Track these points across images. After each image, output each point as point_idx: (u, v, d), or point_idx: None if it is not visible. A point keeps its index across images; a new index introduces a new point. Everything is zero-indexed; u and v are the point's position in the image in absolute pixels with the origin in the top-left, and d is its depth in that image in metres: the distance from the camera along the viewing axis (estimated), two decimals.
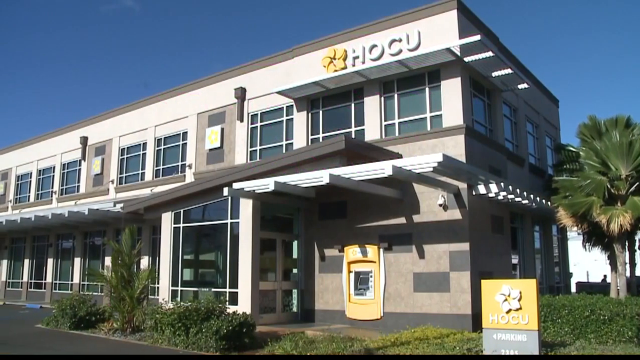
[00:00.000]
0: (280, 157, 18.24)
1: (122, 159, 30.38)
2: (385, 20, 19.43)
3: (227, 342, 13.12)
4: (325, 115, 20.98)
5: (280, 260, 19.46)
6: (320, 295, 19.10)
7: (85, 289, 29.25)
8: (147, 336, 15.33)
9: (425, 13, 18.53)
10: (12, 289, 36.76)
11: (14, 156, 40.10)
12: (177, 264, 20.44)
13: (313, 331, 15.53)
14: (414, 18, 18.70)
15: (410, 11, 18.90)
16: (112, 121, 31.56)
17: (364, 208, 18.33)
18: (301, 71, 21.23)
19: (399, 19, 19.07)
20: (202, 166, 25.30)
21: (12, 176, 39.93)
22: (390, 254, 17.63)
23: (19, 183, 39.53)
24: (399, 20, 19.07)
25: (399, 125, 18.91)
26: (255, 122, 23.53)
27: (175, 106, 27.49)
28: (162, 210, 21.20)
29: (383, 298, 17.49)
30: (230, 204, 18.86)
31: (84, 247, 31.41)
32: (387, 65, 18.46)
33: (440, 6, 18.26)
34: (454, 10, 17.90)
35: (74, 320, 17.52)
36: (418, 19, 18.61)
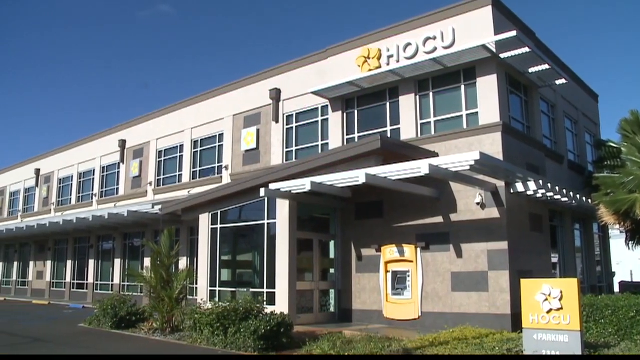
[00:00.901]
0: (316, 158, 18.28)
1: (160, 161, 30.81)
2: (419, 18, 19.31)
3: (265, 342, 13.18)
4: (360, 114, 20.94)
5: (317, 260, 19.49)
6: (357, 295, 19.07)
7: (125, 289, 29.81)
8: (186, 336, 15.51)
9: (459, 10, 18.35)
10: (56, 289, 37.63)
11: (57, 160, 41.05)
12: (215, 265, 20.64)
13: (351, 331, 15.52)
14: (448, 15, 18.54)
15: (444, 8, 18.74)
16: (149, 124, 32.04)
17: (401, 207, 18.25)
18: (335, 71, 21.23)
19: (433, 17, 18.94)
20: (239, 167, 25.49)
21: (55, 179, 40.88)
22: (427, 254, 17.52)
23: (61, 186, 40.45)
24: (433, 18, 18.93)
25: (434, 123, 18.78)
26: (291, 123, 23.62)
27: (211, 108, 27.77)
28: (199, 212, 21.43)
29: (421, 298, 17.39)
30: (267, 205, 18.97)
31: (124, 248, 31.95)
32: (422, 63, 18.35)
33: (475, 2, 18.04)
34: (489, 6, 17.68)
35: (115, 320, 17.84)
36: (452, 16, 18.44)
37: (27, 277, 41.45)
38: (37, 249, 40.58)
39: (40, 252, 40.08)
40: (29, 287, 40.90)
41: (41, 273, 39.71)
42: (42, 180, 42.62)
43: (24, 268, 42.46)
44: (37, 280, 40.20)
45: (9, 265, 44.54)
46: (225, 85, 27.34)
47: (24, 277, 42.22)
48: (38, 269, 40.25)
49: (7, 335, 17.27)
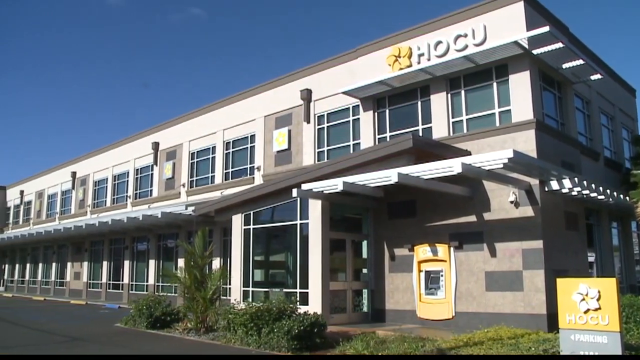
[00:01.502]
0: (347, 157, 18.26)
1: (192, 162, 31.12)
2: (449, 15, 19.16)
3: (298, 342, 13.22)
4: (391, 114, 20.87)
5: (350, 260, 19.48)
6: (390, 295, 19.02)
7: (160, 289, 30.19)
8: (220, 336, 15.64)
9: (490, 6, 18.15)
10: (92, 289, 38.30)
11: (92, 163, 41.81)
12: (248, 265, 20.77)
13: (384, 331, 15.48)
14: (479, 12, 18.36)
15: (475, 5, 18.56)
16: (181, 126, 32.40)
17: (434, 206, 18.14)
18: (366, 70, 21.19)
19: (463, 14, 18.77)
20: (271, 168, 25.61)
21: (90, 182, 41.61)
22: (461, 253, 17.38)
23: (96, 188, 41.17)
24: (463, 15, 18.76)
25: (466, 121, 18.62)
26: (322, 123, 23.65)
27: (242, 109, 27.95)
28: (232, 213, 21.59)
29: (454, 297, 17.25)
30: (299, 205, 19.03)
31: (158, 249, 32.35)
32: (453, 61, 18.20)
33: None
34: (521, 2, 17.44)
35: (150, 320, 18.08)
36: (483, 13, 18.25)
37: (65, 278, 42.29)
38: (74, 250, 41.37)
39: (77, 253, 40.84)
40: (66, 287, 41.73)
41: (78, 274, 40.46)
42: (78, 183, 43.44)
43: (61, 269, 43.34)
44: (74, 281, 40.98)
45: (48, 266, 45.49)
46: (256, 86, 27.50)
47: (62, 278, 43.08)
48: (75, 270, 41.02)
49: (48, 334, 17.73)
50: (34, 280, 47.59)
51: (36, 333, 18.05)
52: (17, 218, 54.70)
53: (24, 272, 50.15)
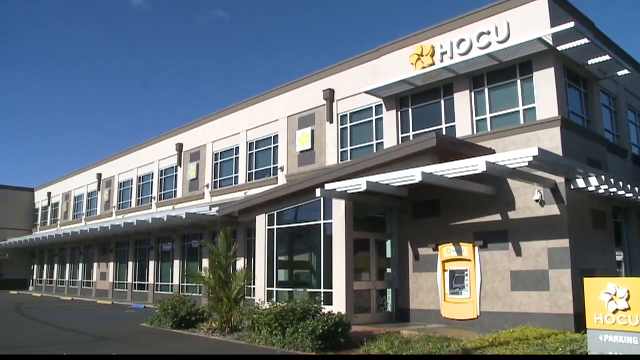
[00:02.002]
0: (371, 157, 18.23)
1: (216, 163, 31.31)
2: (472, 13, 19.03)
3: (323, 342, 13.24)
4: (414, 113, 20.78)
5: (374, 260, 19.45)
6: (415, 295, 18.94)
7: (184, 290, 30.43)
8: (245, 336, 15.72)
9: (513, 3, 17.97)
10: (118, 289, 38.74)
11: (117, 165, 42.28)
12: (272, 265, 20.83)
13: (408, 331, 15.43)
14: (503, 9, 18.20)
15: (498, 2, 18.39)
16: (205, 127, 32.60)
17: (458, 206, 18.03)
18: (389, 70, 21.13)
19: (486, 11, 18.62)
20: (294, 168, 25.66)
21: (116, 184, 42.09)
22: (485, 252, 17.25)
23: (121, 190, 41.62)
24: (486, 12, 18.61)
25: (490, 120, 18.47)
26: (345, 123, 23.64)
27: (265, 110, 28.05)
28: (256, 213, 21.67)
29: (479, 297, 17.13)
30: (323, 205, 19.03)
31: (183, 249, 32.59)
32: (477, 59, 18.07)
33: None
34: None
35: (175, 320, 18.23)
36: (506, 10, 18.08)
37: (92, 278, 42.83)
38: (100, 251, 41.88)
39: (104, 254, 41.33)
40: (93, 287, 42.26)
41: (104, 274, 40.95)
42: (104, 184, 43.95)
43: (88, 269, 43.91)
44: (100, 281, 41.49)
45: (75, 266, 46.12)
46: (279, 87, 27.57)
47: (88, 278, 43.64)
48: (102, 270, 41.53)
49: (76, 334, 18.02)
50: (62, 280, 48.29)
51: (65, 332, 18.32)
52: (45, 219, 55.53)
53: (52, 272, 50.93)
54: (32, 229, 57.19)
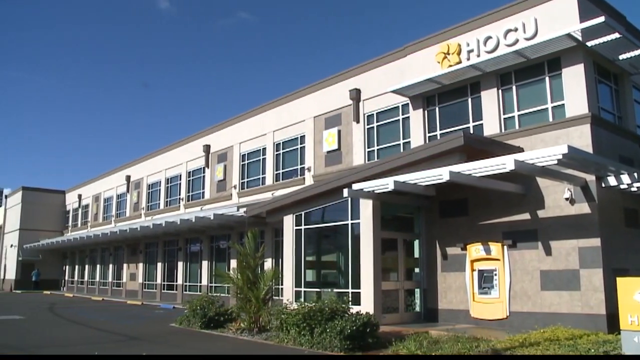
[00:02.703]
0: (398, 157, 18.16)
1: (243, 164, 31.47)
2: (498, 10, 18.82)
3: (351, 342, 13.23)
4: (441, 111, 20.65)
5: (401, 259, 19.38)
6: (443, 295, 18.82)
7: (213, 290, 30.66)
8: (273, 336, 15.77)
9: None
10: (148, 290, 39.18)
11: (145, 167, 42.76)
12: (300, 265, 20.87)
13: (437, 331, 15.35)
14: (530, 5, 17.97)
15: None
16: (232, 129, 32.79)
17: (486, 204, 17.87)
18: (415, 69, 21.03)
19: (513, 8, 18.41)
20: (321, 168, 25.68)
21: (144, 185, 42.57)
22: (514, 251, 17.06)
23: (150, 191, 42.07)
24: (513, 9, 18.40)
25: (518, 117, 18.27)
26: (372, 123, 23.59)
27: (291, 111, 28.11)
28: (283, 213, 21.74)
29: (509, 297, 16.95)
30: (350, 205, 19.01)
31: (211, 250, 32.82)
32: (504, 56, 17.89)
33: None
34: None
35: (204, 320, 18.36)
36: (534, 6, 17.85)
37: (122, 279, 43.38)
38: (129, 251, 42.39)
39: (133, 255, 41.83)
40: (123, 288, 42.79)
41: (134, 275, 41.44)
42: (133, 186, 44.47)
43: (118, 270, 44.48)
44: (130, 282, 41.99)
45: (105, 267, 46.74)
46: (305, 87, 27.62)
47: (118, 279, 44.20)
48: (131, 271, 42.03)
49: (106, 333, 18.26)
50: (93, 281, 48.98)
51: (96, 332, 18.57)
52: (76, 221, 56.39)
53: (83, 273, 51.69)
54: (63, 231, 58.16)
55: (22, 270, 55.64)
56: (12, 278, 56.23)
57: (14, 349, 14.33)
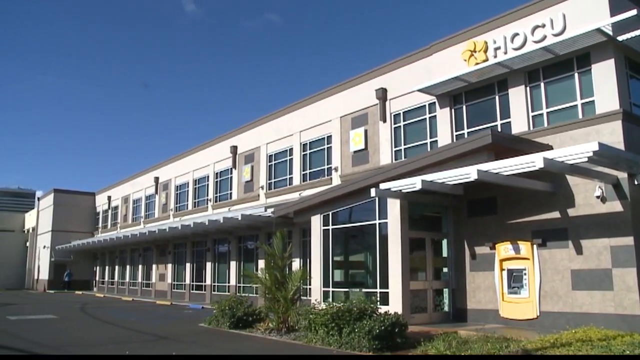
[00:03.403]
0: (425, 156, 18.06)
1: (270, 165, 31.58)
2: (525, 6, 18.60)
3: (379, 342, 13.19)
4: (468, 110, 20.49)
5: (430, 259, 19.27)
6: (472, 294, 18.67)
7: (241, 290, 30.81)
8: (302, 336, 15.79)
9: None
10: (176, 290, 39.52)
11: (173, 168, 43.16)
12: (328, 266, 20.87)
13: (466, 331, 15.24)
14: (558, 0, 17.72)
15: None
16: (259, 129, 32.93)
17: (515, 203, 17.68)
18: (441, 67, 20.90)
19: (540, 4, 18.16)
20: (348, 168, 25.66)
21: (172, 187, 42.96)
22: (544, 251, 16.85)
23: (178, 193, 42.46)
24: (540, 5, 18.16)
25: (547, 115, 18.04)
26: (398, 122, 23.51)
27: (318, 111, 28.14)
28: (311, 214, 21.76)
29: (539, 296, 16.74)
30: (377, 205, 18.96)
31: (239, 250, 32.99)
32: (531, 53, 17.67)
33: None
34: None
35: (232, 320, 18.46)
36: (562, 1, 17.58)
37: (151, 279, 43.84)
38: (158, 252, 42.82)
39: (162, 256, 42.25)
40: (152, 288, 43.23)
41: (163, 275, 41.85)
42: (161, 187, 44.92)
43: (147, 271, 44.95)
44: (159, 282, 42.41)
45: (135, 268, 47.28)
46: (331, 87, 27.63)
47: (148, 279, 44.68)
48: (160, 272, 42.46)
49: (137, 333, 18.47)
50: (122, 281, 49.58)
51: (126, 331, 18.79)
52: (106, 222, 57.17)
53: (113, 273, 52.36)
54: (93, 232, 59.01)
55: (55, 271, 56.65)
56: (45, 278, 57.27)
57: (48, 348, 14.60)
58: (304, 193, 26.74)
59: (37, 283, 60.03)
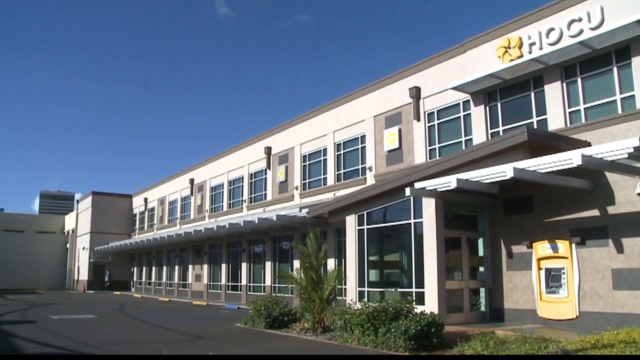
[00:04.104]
0: (460, 154, 17.89)
1: (304, 165, 31.65)
2: (561, 0, 18.29)
3: (415, 342, 13.11)
4: (503, 107, 20.24)
5: (465, 258, 19.08)
6: (509, 294, 18.41)
7: (276, 290, 30.95)
8: (337, 336, 15.79)
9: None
10: (212, 290, 39.89)
11: (208, 170, 43.59)
12: (363, 265, 20.83)
13: (503, 331, 15.03)
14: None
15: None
16: (292, 130, 33.04)
17: (552, 201, 17.39)
18: (475, 64, 20.69)
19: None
20: (382, 168, 25.58)
21: (207, 188, 43.37)
22: (583, 249, 16.52)
23: (213, 194, 42.85)
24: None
25: (584, 111, 17.71)
26: (432, 120, 23.35)
27: (351, 111, 28.11)
28: (345, 213, 21.74)
29: (578, 296, 16.41)
30: (412, 204, 18.85)
31: (274, 251, 33.14)
32: (568, 48, 17.38)
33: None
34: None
35: (268, 320, 18.54)
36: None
37: (187, 280, 44.31)
38: (194, 253, 43.26)
39: (198, 257, 42.68)
40: (189, 289, 43.70)
41: (199, 276, 42.26)
42: (196, 189, 45.38)
43: (184, 271, 45.46)
44: (195, 283, 42.84)
45: (171, 269, 47.84)
46: (364, 87, 27.58)
47: (184, 280, 45.16)
48: (196, 272, 42.88)
49: (174, 332, 18.68)
50: (159, 282, 50.22)
51: (164, 331, 19.02)
52: (142, 224, 58.01)
53: (150, 274, 53.12)
54: (130, 233, 59.93)
55: (94, 272, 57.71)
56: (85, 279, 58.36)
57: (90, 347, 14.85)
58: (339, 193, 26.74)
59: (77, 283, 61.25)
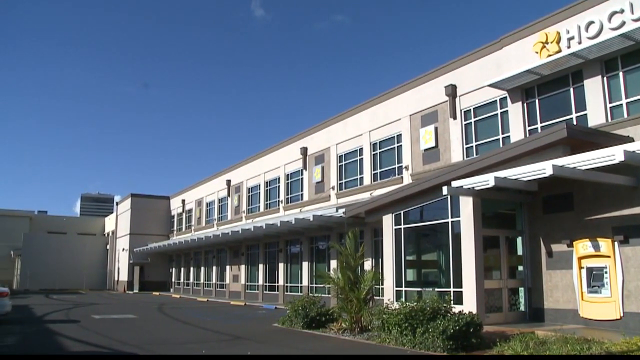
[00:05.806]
0: (497, 152, 17.66)
1: (340, 165, 31.64)
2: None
3: (454, 342, 12.99)
4: (541, 103, 19.93)
5: (504, 257, 18.80)
6: (549, 293, 18.09)
7: (313, 290, 30.97)
8: (375, 336, 15.76)
9: None
10: (250, 291, 40.16)
11: (245, 171, 43.90)
12: (400, 265, 20.72)
13: (543, 331, 14.79)
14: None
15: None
16: (328, 130, 33.05)
17: (593, 199, 17.02)
18: (512, 60, 20.42)
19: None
20: (419, 167, 25.42)
21: (244, 189, 43.69)
22: (627, 248, 16.12)
23: (250, 195, 43.15)
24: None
25: (627, 105, 17.32)
26: (469, 118, 23.11)
27: (387, 110, 28.00)
28: (382, 213, 21.66)
29: (622, 296, 16.01)
30: (449, 203, 18.68)
31: (311, 251, 33.19)
32: (608, 41, 17.01)
33: None
34: None
35: (305, 320, 18.59)
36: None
37: (225, 280, 44.70)
38: (232, 254, 43.63)
39: (235, 257, 43.03)
40: (226, 289, 44.08)
41: (236, 276, 42.60)
42: (233, 190, 45.76)
43: (221, 272, 45.88)
44: (233, 283, 43.20)
45: (209, 269, 48.35)
46: (399, 86, 27.45)
47: (222, 280, 45.58)
48: (234, 273, 43.24)
49: (212, 332, 18.87)
50: (197, 282, 50.78)
51: (203, 331, 19.20)
52: (180, 225, 58.73)
53: (188, 274, 53.73)
54: (169, 235, 60.72)
55: (134, 272, 58.66)
56: (125, 280, 59.34)
57: (131, 346, 15.13)
58: (375, 193, 26.67)
59: (118, 284, 62.33)
